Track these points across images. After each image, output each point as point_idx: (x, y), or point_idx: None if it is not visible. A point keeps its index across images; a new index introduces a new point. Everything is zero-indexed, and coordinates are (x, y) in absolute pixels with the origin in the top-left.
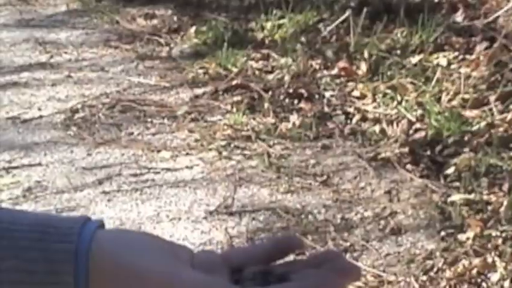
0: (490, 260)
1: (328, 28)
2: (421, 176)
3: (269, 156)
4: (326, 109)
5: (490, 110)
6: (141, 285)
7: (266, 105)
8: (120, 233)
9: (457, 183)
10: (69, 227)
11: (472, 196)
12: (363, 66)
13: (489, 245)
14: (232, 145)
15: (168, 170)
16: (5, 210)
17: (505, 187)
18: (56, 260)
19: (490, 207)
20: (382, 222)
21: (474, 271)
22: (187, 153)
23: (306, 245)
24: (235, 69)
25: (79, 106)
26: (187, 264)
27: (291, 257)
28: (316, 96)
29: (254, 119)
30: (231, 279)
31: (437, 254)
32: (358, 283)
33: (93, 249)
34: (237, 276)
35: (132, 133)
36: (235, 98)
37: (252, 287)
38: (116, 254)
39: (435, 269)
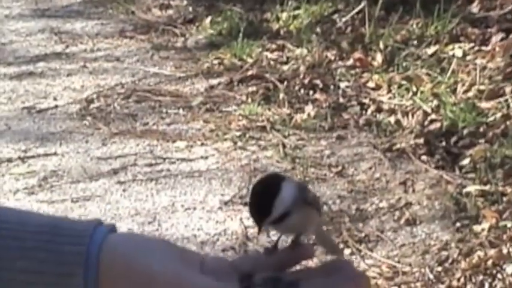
0: (505, 251)
1: (344, 19)
2: (436, 167)
3: (284, 146)
4: (341, 100)
5: (506, 101)
6: None
7: (281, 95)
8: (132, 237)
9: (472, 175)
10: (81, 229)
11: (487, 187)
12: (378, 57)
13: (504, 236)
14: (247, 135)
15: (183, 160)
16: (13, 210)
17: None
18: (66, 262)
19: (505, 198)
20: (397, 213)
21: (489, 262)
22: (202, 144)
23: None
24: (250, 60)
25: (94, 96)
26: (197, 269)
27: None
28: (331, 87)
29: (269, 109)
30: (241, 285)
31: (453, 245)
32: (373, 273)
33: (104, 252)
34: (247, 282)
35: (147, 123)
36: (251, 89)
37: None
38: (127, 257)
39: (450, 260)
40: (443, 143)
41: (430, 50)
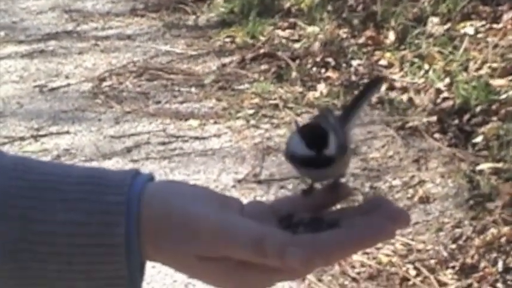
0: None
1: None
2: (449, 145)
3: None
4: (353, 78)
5: None
6: (194, 232)
7: (293, 74)
8: (171, 183)
9: (485, 152)
10: (121, 179)
11: (500, 165)
12: (390, 35)
13: None
14: (260, 114)
15: (196, 138)
16: (55, 163)
17: None
18: (109, 212)
19: None
20: (411, 191)
21: (503, 239)
22: (215, 122)
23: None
24: (262, 38)
25: (106, 74)
26: (237, 213)
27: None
28: (344, 65)
29: (281, 87)
30: (281, 226)
31: (466, 222)
32: (387, 251)
33: (144, 200)
34: (287, 223)
35: (159, 101)
36: (263, 67)
37: (302, 233)
38: (168, 203)
39: (464, 238)
40: (456, 121)
41: (442, 28)
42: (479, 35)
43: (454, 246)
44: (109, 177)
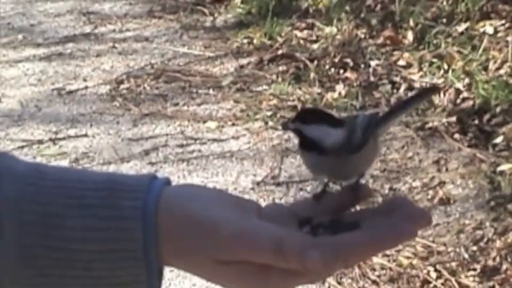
0: None
1: None
2: (469, 146)
3: None
4: (372, 78)
5: None
6: (212, 237)
7: (312, 75)
8: (188, 187)
9: (505, 153)
10: (138, 183)
11: None
12: (409, 35)
13: None
14: (278, 115)
15: (214, 140)
16: (70, 169)
17: None
18: (126, 217)
19: None
20: (431, 192)
21: None
22: (233, 124)
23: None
24: (280, 39)
25: (124, 77)
26: (255, 217)
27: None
28: (362, 65)
29: (300, 88)
30: (301, 230)
31: (487, 224)
32: (408, 253)
33: (162, 204)
34: (307, 226)
35: (177, 104)
36: (281, 68)
37: (322, 235)
38: (185, 207)
39: (485, 239)
40: (476, 121)
41: (461, 27)
42: (499, 34)
43: (475, 248)
44: (125, 182)
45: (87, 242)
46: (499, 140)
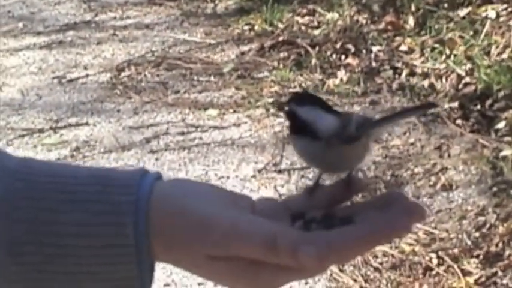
0: None
1: None
2: (472, 131)
3: None
4: (374, 64)
5: None
6: (205, 232)
7: (313, 61)
8: (180, 183)
9: (508, 138)
10: (129, 178)
11: None
12: (411, 20)
13: None
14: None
15: (215, 128)
16: (62, 165)
17: None
18: (117, 213)
19: None
20: (433, 178)
21: None
22: (234, 111)
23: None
24: (281, 25)
25: (125, 65)
26: (249, 211)
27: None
28: (364, 51)
29: (301, 75)
30: (294, 225)
31: (490, 210)
32: (410, 240)
33: (153, 199)
34: (299, 221)
35: (178, 91)
36: (282, 55)
37: (315, 230)
38: (177, 202)
39: (487, 225)
40: (478, 107)
41: (463, 12)
42: (501, 19)
43: (477, 234)
44: (117, 177)
45: (80, 237)
46: (501, 125)
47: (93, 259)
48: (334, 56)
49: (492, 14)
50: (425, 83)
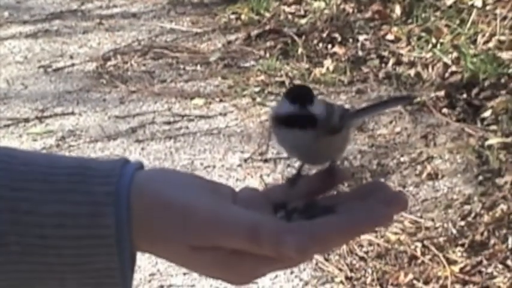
0: None
1: None
2: (458, 120)
3: None
4: (360, 53)
5: None
6: (186, 222)
7: (299, 50)
8: (161, 172)
9: (494, 127)
10: (110, 168)
11: (509, 139)
12: (397, 9)
13: None
14: (266, 91)
15: (201, 117)
16: (42, 154)
17: None
18: (98, 203)
19: None
20: (419, 167)
21: None
22: (220, 100)
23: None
24: (267, 14)
25: (111, 54)
26: (230, 201)
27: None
28: (350, 40)
29: (288, 64)
30: (276, 215)
31: (475, 198)
32: (396, 229)
33: (134, 190)
34: (281, 211)
35: (164, 80)
36: (268, 44)
37: (297, 220)
38: (159, 192)
39: (473, 214)
40: (464, 95)
41: (449, 1)
42: (487, 7)
43: (463, 223)
44: (97, 167)
45: (59, 227)
46: (487, 114)
47: (74, 250)
48: (320, 45)
49: (478, 3)
50: (412, 71)
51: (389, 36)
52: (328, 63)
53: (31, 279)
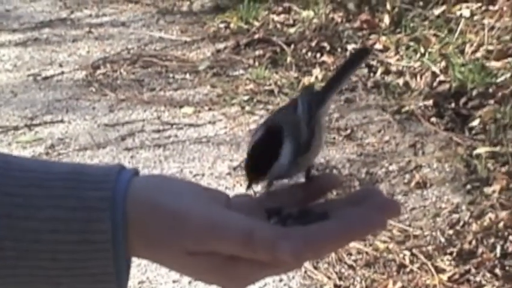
0: None
1: None
2: (446, 129)
3: None
4: None
5: None
6: (182, 228)
7: (288, 59)
8: (157, 178)
9: (482, 136)
10: (105, 174)
11: (497, 149)
12: (386, 19)
13: None
14: (255, 100)
15: (190, 125)
16: (38, 160)
17: None
18: (94, 208)
19: None
20: (407, 176)
21: (501, 224)
22: (209, 109)
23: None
24: (256, 23)
25: (100, 62)
26: (224, 207)
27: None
28: (339, 49)
29: (277, 73)
30: (270, 221)
31: (463, 207)
32: (384, 238)
33: (130, 196)
34: (275, 217)
35: (154, 89)
36: (257, 52)
37: (292, 226)
38: (154, 198)
39: (461, 223)
40: (453, 105)
41: (438, 11)
42: (475, 17)
43: (451, 231)
44: (93, 173)
45: (55, 232)
46: (475, 123)
47: (70, 255)
48: (309, 54)
49: (466, 13)
50: (400, 81)
51: (378, 46)
52: (317, 72)
53: (27, 283)
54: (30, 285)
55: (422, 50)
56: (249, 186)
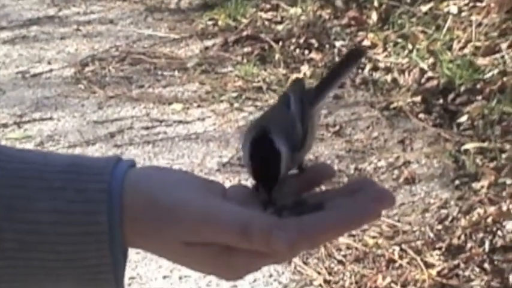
0: (505, 208)
1: None
2: (434, 125)
3: None
4: (337, 59)
5: (502, 57)
6: (178, 218)
7: (277, 56)
8: (152, 170)
9: (470, 132)
10: (102, 166)
11: (485, 144)
12: (373, 15)
13: (504, 193)
14: (243, 96)
15: (179, 122)
16: (36, 152)
17: None
18: (91, 200)
19: (504, 155)
20: (396, 171)
21: (489, 219)
22: (198, 105)
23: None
24: (244, 20)
25: (89, 60)
26: (220, 198)
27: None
28: (327, 46)
29: (265, 70)
30: (266, 211)
31: (452, 203)
32: (373, 233)
33: (127, 187)
34: (271, 208)
35: (142, 86)
36: (246, 49)
37: (287, 217)
38: (150, 190)
39: (450, 218)
40: (441, 101)
41: (425, 7)
42: (463, 14)
43: (440, 227)
44: (90, 165)
45: (55, 224)
46: (463, 119)
47: (69, 246)
48: (297, 50)
49: (454, 10)
50: (388, 77)
51: (366, 42)
52: (305, 69)
53: (26, 275)
54: (30, 277)
55: (410, 46)
56: (269, 196)
